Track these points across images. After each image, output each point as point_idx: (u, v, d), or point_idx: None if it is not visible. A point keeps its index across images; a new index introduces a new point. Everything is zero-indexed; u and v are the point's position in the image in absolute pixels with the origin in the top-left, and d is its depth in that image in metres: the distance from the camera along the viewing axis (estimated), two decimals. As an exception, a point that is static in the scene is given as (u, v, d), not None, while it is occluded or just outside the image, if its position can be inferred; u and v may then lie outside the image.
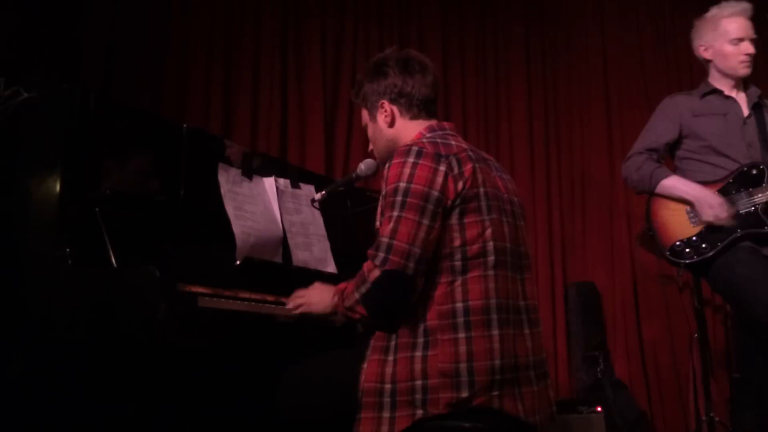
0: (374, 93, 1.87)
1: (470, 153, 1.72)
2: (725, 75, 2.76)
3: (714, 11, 2.78)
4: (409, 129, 1.84)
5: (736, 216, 2.57)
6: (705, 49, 2.79)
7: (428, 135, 1.78)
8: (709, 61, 2.80)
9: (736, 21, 2.71)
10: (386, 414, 1.56)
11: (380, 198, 1.69)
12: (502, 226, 1.68)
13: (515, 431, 1.59)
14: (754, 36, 2.72)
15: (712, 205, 2.58)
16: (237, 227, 2.10)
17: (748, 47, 2.70)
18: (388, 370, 1.59)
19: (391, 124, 1.86)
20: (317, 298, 1.85)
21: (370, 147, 1.98)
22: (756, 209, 2.57)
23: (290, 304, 1.90)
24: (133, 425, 1.77)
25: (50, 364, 1.76)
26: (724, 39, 2.73)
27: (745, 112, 2.74)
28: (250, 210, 2.20)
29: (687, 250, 2.62)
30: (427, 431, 1.55)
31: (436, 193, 1.61)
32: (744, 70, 2.73)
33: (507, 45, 4.40)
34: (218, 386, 2.04)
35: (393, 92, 1.84)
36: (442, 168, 1.63)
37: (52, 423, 1.74)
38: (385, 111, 1.86)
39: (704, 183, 2.66)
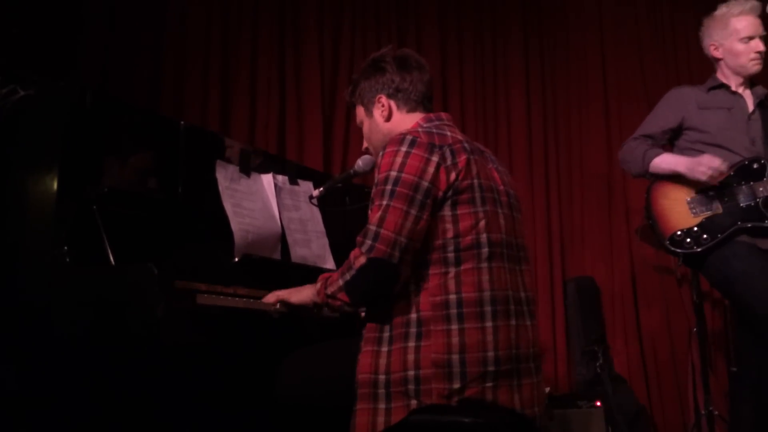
0: (371, 89, 1.88)
1: (465, 144, 1.71)
2: (735, 73, 2.77)
3: (723, 10, 2.78)
4: (406, 122, 1.83)
5: (737, 209, 2.58)
6: (715, 48, 2.79)
7: (425, 125, 1.77)
8: (719, 60, 2.80)
9: (746, 19, 2.72)
10: (382, 405, 1.56)
11: (373, 186, 1.69)
12: (498, 218, 1.68)
13: (510, 423, 1.59)
14: (764, 33, 2.73)
15: (702, 163, 2.57)
16: (235, 224, 2.10)
17: (758, 45, 2.71)
18: (382, 361, 1.59)
19: (388, 119, 1.87)
20: (296, 291, 1.84)
21: (365, 145, 1.98)
22: (757, 203, 2.57)
23: (266, 298, 1.89)
24: (134, 423, 1.77)
25: (48, 362, 1.76)
26: (734, 38, 2.73)
27: (750, 108, 2.74)
28: (248, 207, 2.20)
29: (687, 240, 2.62)
30: (418, 426, 1.55)
31: (426, 184, 1.61)
32: (755, 68, 2.74)
33: (505, 40, 4.39)
34: (218, 382, 2.04)
35: (390, 87, 1.85)
36: (435, 158, 1.63)
37: (51, 422, 1.74)
38: (382, 105, 1.86)
39: None
